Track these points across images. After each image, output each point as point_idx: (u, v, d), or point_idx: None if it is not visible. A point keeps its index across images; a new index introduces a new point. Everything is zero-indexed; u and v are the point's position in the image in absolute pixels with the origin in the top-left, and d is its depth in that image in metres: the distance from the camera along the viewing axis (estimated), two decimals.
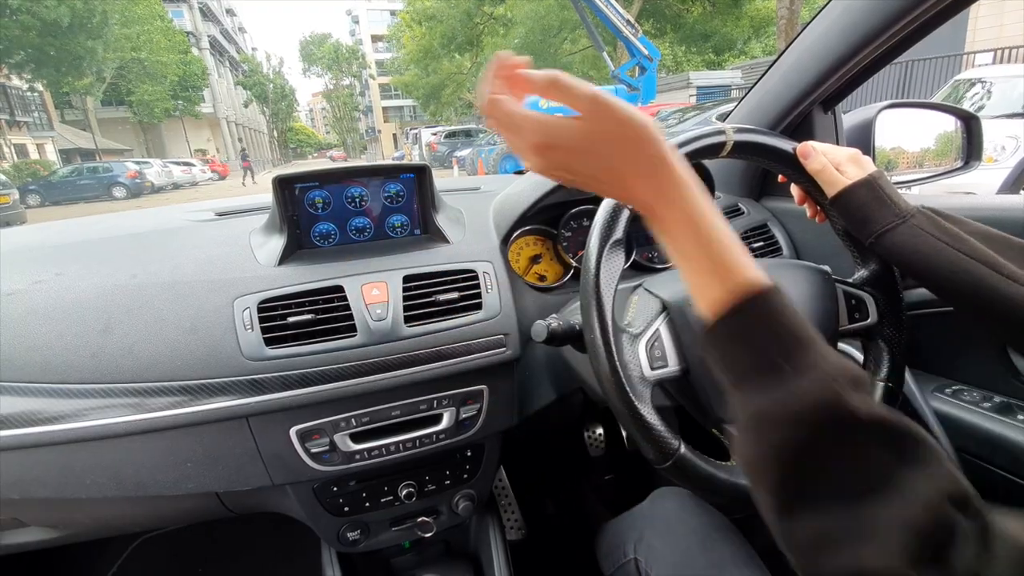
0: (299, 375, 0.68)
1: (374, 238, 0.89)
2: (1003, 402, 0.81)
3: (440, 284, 0.79)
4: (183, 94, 26.09)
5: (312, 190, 0.84)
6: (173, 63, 23.78)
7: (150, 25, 22.02)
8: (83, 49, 18.57)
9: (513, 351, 0.79)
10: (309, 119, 71.87)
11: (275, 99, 39.19)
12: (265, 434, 0.71)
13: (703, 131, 0.61)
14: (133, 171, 17.82)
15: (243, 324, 0.70)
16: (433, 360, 0.74)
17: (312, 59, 38.85)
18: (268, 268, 0.77)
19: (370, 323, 0.73)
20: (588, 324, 0.55)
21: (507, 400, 0.82)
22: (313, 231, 0.86)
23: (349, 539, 0.83)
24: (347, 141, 45.77)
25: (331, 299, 0.74)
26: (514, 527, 1.34)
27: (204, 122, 31.38)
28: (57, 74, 19.23)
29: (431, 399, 0.77)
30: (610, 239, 0.56)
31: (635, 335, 0.57)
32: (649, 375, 0.56)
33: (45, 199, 16.39)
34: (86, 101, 23.36)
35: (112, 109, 26.79)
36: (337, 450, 0.73)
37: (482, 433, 0.81)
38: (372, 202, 0.88)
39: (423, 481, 0.83)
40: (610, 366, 0.54)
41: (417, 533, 0.86)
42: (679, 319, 0.58)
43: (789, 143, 0.64)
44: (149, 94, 23.05)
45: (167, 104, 24.46)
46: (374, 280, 0.76)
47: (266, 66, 39.60)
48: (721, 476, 0.56)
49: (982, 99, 5.25)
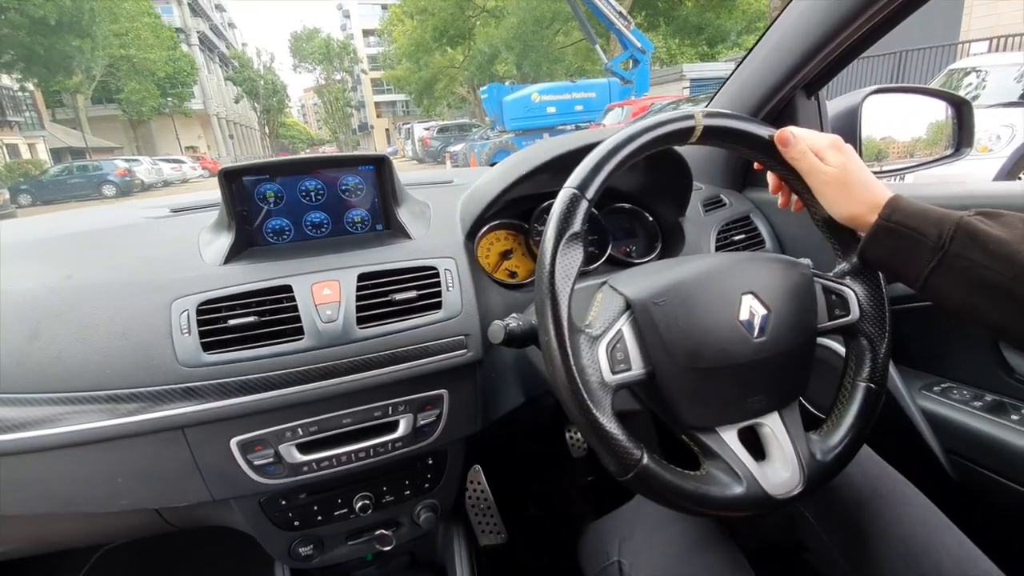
0: (239, 382, 0.64)
1: (332, 234, 0.84)
2: (995, 401, 0.77)
3: (397, 282, 0.74)
4: (173, 91, 25.81)
5: (263, 183, 0.79)
6: (162, 60, 23.54)
7: (138, 22, 21.78)
8: (72, 47, 18.38)
9: (475, 353, 0.74)
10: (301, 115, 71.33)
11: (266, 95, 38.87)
12: (203, 446, 0.66)
13: (670, 116, 0.56)
14: (122, 169, 17.68)
15: (180, 328, 0.65)
16: (387, 364, 0.69)
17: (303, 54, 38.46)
18: (213, 267, 0.72)
19: (319, 325, 0.68)
20: (542, 325, 0.51)
21: (469, 405, 0.78)
22: (265, 227, 0.81)
23: (301, 555, 0.78)
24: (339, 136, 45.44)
25: (279, 299, 0.69)
26: (493, 531, 1.29)
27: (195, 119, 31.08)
28: (47, 72, 19.05)
29: (386, 405, 0.72)
30: (567, 232, 0.52)
31: (595, 336, 0.52)
32: (610, 380, 0.51)
33: (36, 199, 16.27)
34: (77, 99, 23.12)
35: (103, 107, 26.53)
36: (283, 462, 0.68)
37: (443, 440, 0.76)
38: (329, 196, 0.83)
39: (380, 492, 0.78)
40: (565, 371, 0.49)
41: (376, 547, 0.81)
42: (644, 318, 0.53)
43: (765, 128, 0.59)
44: (137, 92, 22.83)
45: (156, 101, 24.21)
46: (326, 279, 0.72)
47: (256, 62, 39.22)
48: (688, 487, 0.52)
49: (977, 88, 5.21)
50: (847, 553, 0.64)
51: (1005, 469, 0.72)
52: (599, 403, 0.50)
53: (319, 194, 0.82)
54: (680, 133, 0.56)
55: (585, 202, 0.52)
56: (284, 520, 0.75)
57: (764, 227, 1.06)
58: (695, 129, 0.57)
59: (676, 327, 0.52)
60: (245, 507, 0.73)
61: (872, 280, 0.62)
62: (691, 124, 0.57)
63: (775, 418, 0.57)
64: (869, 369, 0.61)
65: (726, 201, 1.08)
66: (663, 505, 0.53)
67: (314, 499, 0.76)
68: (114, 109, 25.40)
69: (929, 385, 0.84)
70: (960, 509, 0.77)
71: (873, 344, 0.61)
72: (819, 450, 0.57)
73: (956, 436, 0.77)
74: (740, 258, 0.59)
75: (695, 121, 0.57)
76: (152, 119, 26.23)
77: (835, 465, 0.58)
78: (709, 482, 0.53)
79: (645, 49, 12.92)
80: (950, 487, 0.79)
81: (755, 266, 0.58)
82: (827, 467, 0.57)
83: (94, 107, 26.32)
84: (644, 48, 12.88)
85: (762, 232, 1.05)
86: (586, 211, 0.52)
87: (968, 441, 0.76)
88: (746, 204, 1.09)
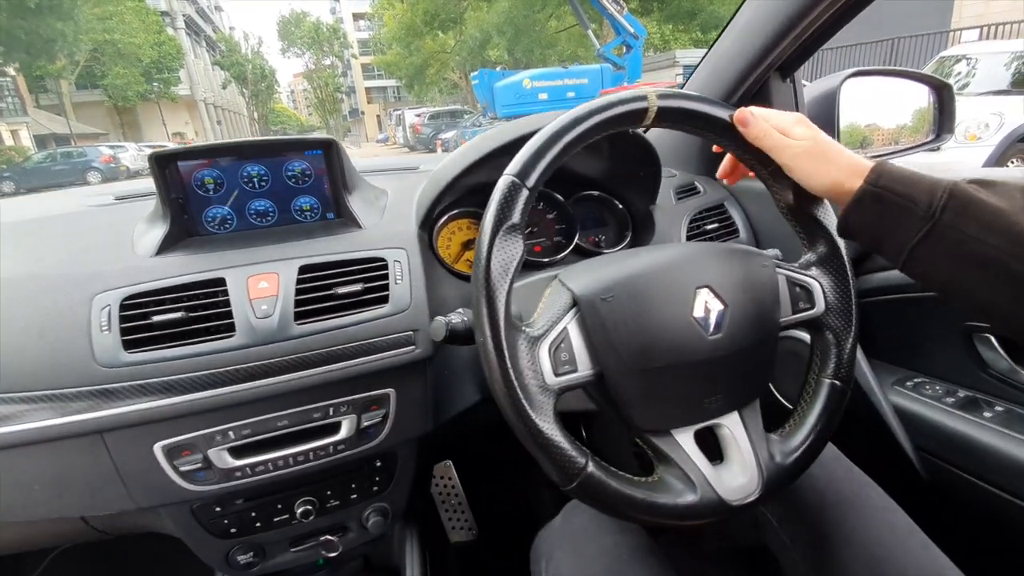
0: (162, 383, 0.59)
1: (279, 223, 0.80)
2: (968, 397, 0.74)
3: (342, 275, 0.70)
4: (159, 76, 25.25)
5: (200, 169, 0.74)
6: (147, 44, 23.03)
7: (122, 5, 21.26)
8: (53, 31, 17.90)
9: (424, 349, 0.70)
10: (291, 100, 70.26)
11: (254, 80, 38.08)
12: (124, 451, 0.62)
13: (621, 96, 0.52)
14: (107, 156, 17.34)
15: (99, 325, 0.60)
16: (327, 362, 0.65)
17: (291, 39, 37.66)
18: (143, 259, 0.68)
19: (252, 321, 0.63)
20: (477, 324, 0.47)
21: (419, 404, 0.73)
22: (205, 216, 0.76)
23: (240, 563, 0.74)
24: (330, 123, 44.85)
25: (211, 293, 0.65)
26: (464, 527, 1.27)
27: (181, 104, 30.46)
28: (28, 57, 18.57)
29: (326, 406, 0.67)
30: (505, 223, 0.47)
31: (536, 336, 0.48)
32: (552, 382, 0.48)
33: (20, 186, 15.96)
34: (60, 85, 22.61)
35: (87, 92, 25.91)
36: (213, 467, 0.64)
37: (390, 442, 0.72)
38: (274, 183, 0.78)
39: (324, 496, 0.74)
40: (501, 374, 0.45)
41: (322, 553, 0.78)
42: (590, 315, 0.49)
43: (724, 109, 0.55)
44: (123, 76, 22.35)
45: (141, 87, 23.70)
46: (263, 271, 0.67)
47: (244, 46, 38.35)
48: (637, 496, 0.48)
49: (967, 76, 5.19)
50: (809, 558, 0.61)
51: (975, 468, 0.69)
52: (539, 408, 0.46)
53: (263, 180, 0.77)
54: (632, 115, 0.52)
55: (525, 191, 0.48)
56: (220, 528, 0.71)
57: (739, 216, 1.02)
58: (648, 111, 0.53)
59: (625, 324, 0.49)
60: (175, 514, 0.69)
61: (839, 271, 0.59)
62: (644, 106, 0.52)
63: (734, 418, 0.54)
64: (834, 365, 0.58)
65: (700, 188, 1.04)
66: (611, 515, 0.50)
67: (252, 505, 0.72)
68: (99, 95, 24.84)
69: (902, 380, 0.81)
70: (929, 508, 0.74)
71: (839, 338, 0.58)
72: (779, 452, 0.54)
73: (927, 433, 0.75)
74: (697, 250, 0.55)
75: (648, 102, 0.52)
76: (138, 105, 25.68)
77: (795, 468, 0.55)
78: (660, 489, 0.50)
79: (638, 35, 12.79)
80: (920, 486, 0.76)
81: (712, 258, 0.54)
82: (787, 470, 0.54)
83: (78, 92, 25.76)
84: (637, 34, 12.75)
85: (736, 221, 1.01)
86: (526, 201, 0.48)
87: (939, 439, 0.73)
88: (721, 192, 1.05)
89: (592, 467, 0.47)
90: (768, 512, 0.67)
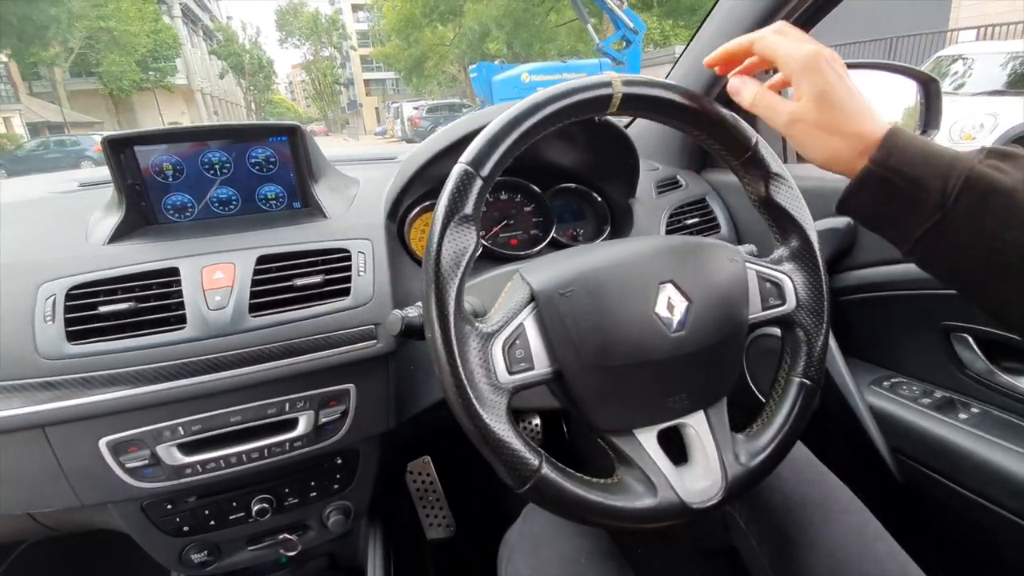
0: (106, 376, 0.57)
1: (242, 212, 0.77)
2: (944, 398, 0.73)
3: (303, 266, 0.67)
4: (155, 65, 25.00)
5: (157, 155, 0.71)
6: (143, 32, 22.78)
7: None
8: (46, 17, 17.68)
9: (386, 344, 0.68)
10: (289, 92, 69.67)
11: (252, 71, 37.75)
12: (68, 447, 0.60)
13: (584, 82, 0.50)
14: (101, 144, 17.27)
15: (43, 315, 0.58)
16: (283, 356, 0.63)
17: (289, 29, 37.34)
18: (96, 247, 0.65)
19: (205, 312, 0.61)
20: (427, 319, 0.45)
21: (381, 400, 0.71)
22: (164, 203, 0.74)
23: (195, 562, 0.72)
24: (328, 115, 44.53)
25: (163, 284, 0.62)
26: (442, 524, 1.25)
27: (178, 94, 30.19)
28: (20, 44, 18.32)
29: (282, 401, 0.65)
30: (457, 213, 0.45)
31: (489, 332, 0.46)
32: (506, 381, 0.46)
33: (12, 174, 15.82)
34: (54, 72, 22.36)
35: (82, 80, 25.64)
36: (162, 464, 0.62)
37: (350, 439, 0.70)
38: (237, 170, 0.75)
39: (282, 494, 0.72)
40: (451, 372, 0.43)
41: (280, 552, 0.76)
42: (548, 311, 0.47)
43: (694, 97, 0.53)
44: (118, 63, 22.12)
45: (137, 76, 23.47)
46: (219, 261, 0.65)
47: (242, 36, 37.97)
48: (593, 499, 0.47)
49: (963, 76, 5.17)
50: (775, 561, 0.59)
51: (949, 471, 0.68)
52: (491, 407, 0.44)
53: (224, 167, 0.75)
54: (595, 102, 0.50)
55: (479, 180, 0.46)
56: (172, 526, 0.69)
57: (720, 210, 1.00)
58: (613, 98, 0.51)
59: (583, 321, 0.47)
60: (125, 512, 0.67)
61: (811, 266, 0.57)
62: (608, 92, 0.50)
63: (700, 418, 0.52)
64: (804, 363, 0.56)
65: (682, 182, 1.02)
66: (567, 519, 0.48)
67: (205, 503, 0.69)
68: (95, 83, 24.58)
69: (879, 380, 0.79)
70: (903, 511, 0.73)
71: (809, 336, 0.56)
72: (745, 452, 0.53)
73: (902, 435, 0.73)
74: (662, 244, 0.53)
75: (612, 89, 0.50)
76: (133, 94, 25.44)
77: (761, 469, 0.53)
78: (619, 492, 0.48)
79: (638, 29, 12.70)
80: (894, 488, 0.75)
81: (677, 253, 0.52)
82: (752, 472, 0.52)
83: (73, 80, 25.50)
84: (637, 28, 12.65)
85: (717, 215, 0.99)
86: (480, 191, 0.46)
87: (914, 440, 0.71)
88: (703, 186, 1.03)
89: (546, 469, 0.45)
90: (736, 513, 0.65)
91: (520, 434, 0.46)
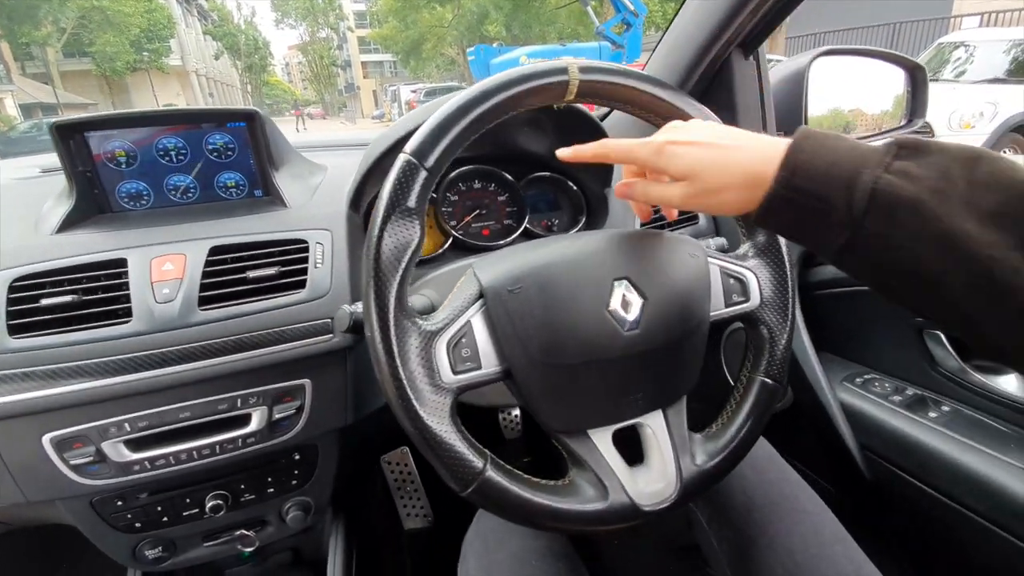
0: (47, 371, 0.55)
1: (201, 200, 0.75)
2: (916, 395, 0.72)
3: (257, 257, 0.65)
4: (149, 46, 24.63)
5: (109, 140, 0.69)
6: (137, 12, 22.40)
7: None
8: None
9: (343, 338, 0.66)
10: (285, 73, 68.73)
11: (247, 52, 37.23)
12: (10, 443, 0.58)
13: (537, 68, 0.48)
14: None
15: None
16: (233, 350, 0.61)
17: (285, 9, 36.80)
18: (43, 237, 0.63)
19: (152, 305, 0.59)
20: (365, 316, 0.43)
21: (338, 395, 0.70)
22: (118, 191, 0.71)
23: (149, 558, 0.71)
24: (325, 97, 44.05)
25: (110, 275, 0.60)
26: (420, 514, 1.25)
27: (173, 75, 29.79)
28: (11, 23, 18.05)
29: (234, 397, 0.63)
30: (399, 206, 0.43)
31: (434, 331, 0.44)
32: (450, 381, 0.44)
33: (5, 155, 15.64)
34: (47, 53, 22.01)
35: (76, 61, 25.24)
36: (108, 460, 0.61)
37: (306, 434, 0.68)
38: (193, 157, 0.73)
39: (238, 491, 0.71)
40: (390, 371, 0.42)
41: (237, 548, 0.75)
42: (496, 309, 0.45)
43: (655, 86, 0.51)
44: (112, 44, 21.78)
45: (130, 56, 23.12)
46: (170, 252, 0.63)
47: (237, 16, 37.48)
48: (540, 501, 0.45)
49: (964, 63, 5.11)
50: (733, 560, 0.59)
51: (917, 470, 0.67)
52: (433, 408, 0.43)
53: (181, 154, 0.72)
54: (549, 89, 0.48)
55: (424, 172, 0.44)
56: (123, 522, 0.68)
57: None
58: (569, 85, 0.48)
59: (532, 318, 0.45)
60: (73, 508, 0.65)
61: (777, 262, 0.55)
62: (563, 79, 0.48)
63: (657, 418, 0.51)
64: (766, 362, 0.54)
65: None
66: (514, 522, 0.47)
67: (157, 499, 0.68)
68: (88, 63, 24.23)
69: (852, 376, 0.78)
70: (870, 508, 0.72)
71: (773, 334, 0.55)
72: (702, 453, 0.52)
73: (873, 432, 0.72)
74: (618, 239, 0.51)
75: (568, 76, 0.48)
76: (128, 75, 25.10)
77: (718, 470, 0.52)
78: (568, 494, 0.47)
79: (638, 13, 12.51)
80: (863, 486, 0.74)
81: (634, 248, 0.50)
82: (707, 474, 0.51)
83: (67, 61, 25.12)
84: (637, 11, 12.46)
85: None
86: (425, 182, 0.44)
87: (884, 438, 0.70)
88: None
89: (491, 471, 0.44)
90: (699, 511, 0.64)
91: (464, 435, 0.44)
